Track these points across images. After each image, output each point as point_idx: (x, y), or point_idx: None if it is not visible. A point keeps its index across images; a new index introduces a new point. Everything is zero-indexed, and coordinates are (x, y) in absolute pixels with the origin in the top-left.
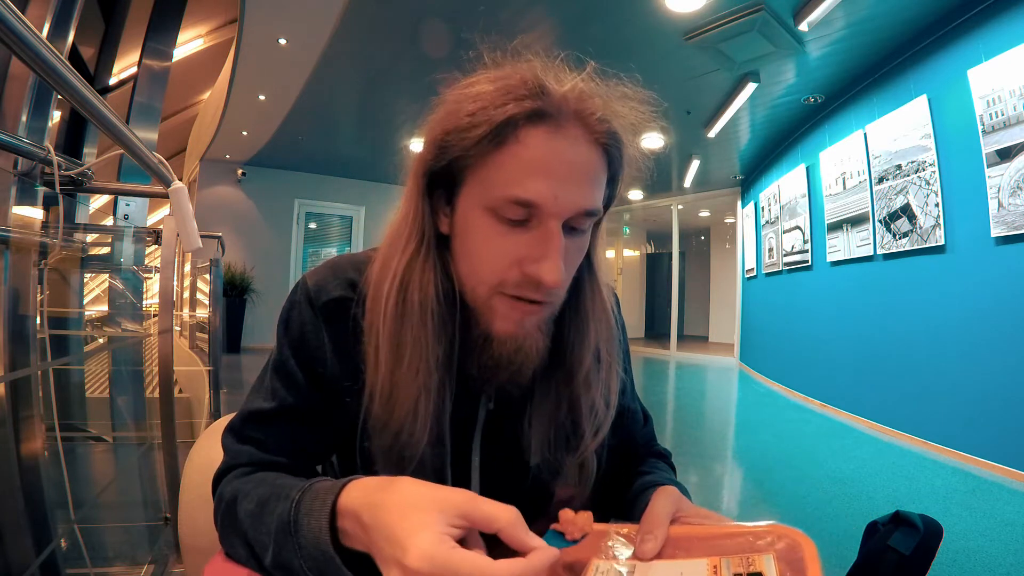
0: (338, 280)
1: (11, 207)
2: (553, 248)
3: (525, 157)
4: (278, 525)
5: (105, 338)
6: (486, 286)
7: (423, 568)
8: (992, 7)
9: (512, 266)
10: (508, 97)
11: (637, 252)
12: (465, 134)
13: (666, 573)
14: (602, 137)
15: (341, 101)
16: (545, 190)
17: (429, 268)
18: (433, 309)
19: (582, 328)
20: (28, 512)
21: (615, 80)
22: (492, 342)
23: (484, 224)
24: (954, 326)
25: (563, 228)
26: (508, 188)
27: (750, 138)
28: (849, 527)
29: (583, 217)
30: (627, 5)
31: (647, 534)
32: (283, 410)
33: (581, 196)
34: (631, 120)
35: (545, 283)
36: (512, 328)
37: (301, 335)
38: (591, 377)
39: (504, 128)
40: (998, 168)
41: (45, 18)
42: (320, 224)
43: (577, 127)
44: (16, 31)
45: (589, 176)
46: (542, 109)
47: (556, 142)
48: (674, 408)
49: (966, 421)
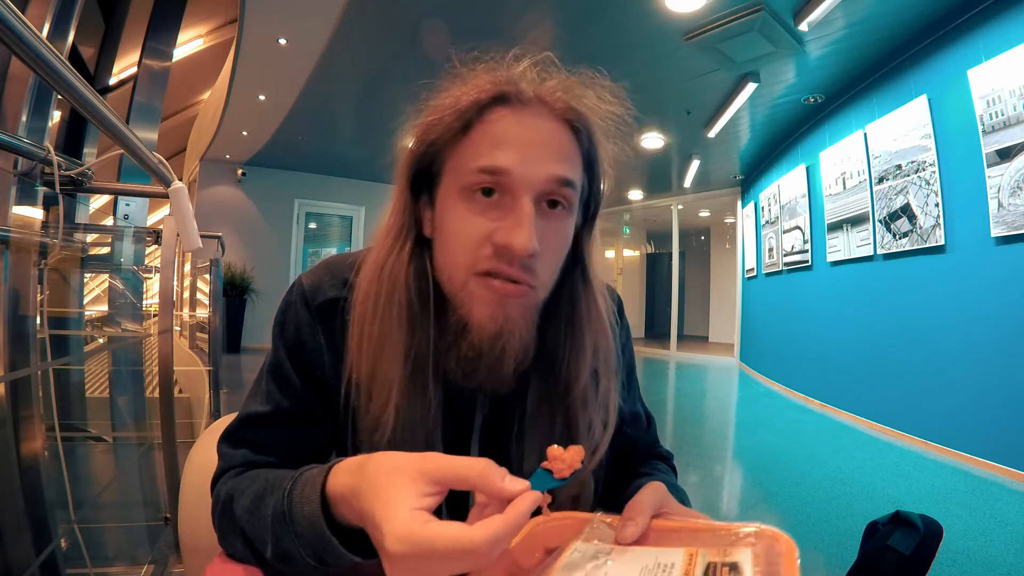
0: (333, 280)
1: (11, 207)
2: (523, 215)
3: (490, 132)
4: (274, 516)
5: (105, 338)
6: (462, 268)
7: (401, 550)
8: (992, 7)
9: (484, 242)
10: (472, 88)
11: (637, 252)
12: (437, 126)
13: (642, 558)
14: (566, 113)
15: (341, 101)
16: (512, 156)
17: (403, 261)
18: (402, 300)
19: (577, 341)
20: (28, 512)
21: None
22: (471, 331)
23: (458, 207)
24: (954, 326)
25: (539, 203)
26: (476, 160)
27: (750, 138)
28: (849, 527)
29: (558, 186)
30: (627, 5)
31: (628, 520)
32: (279, 413)
33: (551, 162)
34: (602, 106)
35: (515, 248)
36: (491, 311)
37: (297, 337)
38: (588, 395)
39: (469, 112)
40: (998, 168)
41: (45, 18)
42: (320, 224)
43: (539, 105)
44: (16, 31)
45: (556, 146)
46: (504, 92)
47: (519, 116)
48: (674, 408)
49: (966, 421)
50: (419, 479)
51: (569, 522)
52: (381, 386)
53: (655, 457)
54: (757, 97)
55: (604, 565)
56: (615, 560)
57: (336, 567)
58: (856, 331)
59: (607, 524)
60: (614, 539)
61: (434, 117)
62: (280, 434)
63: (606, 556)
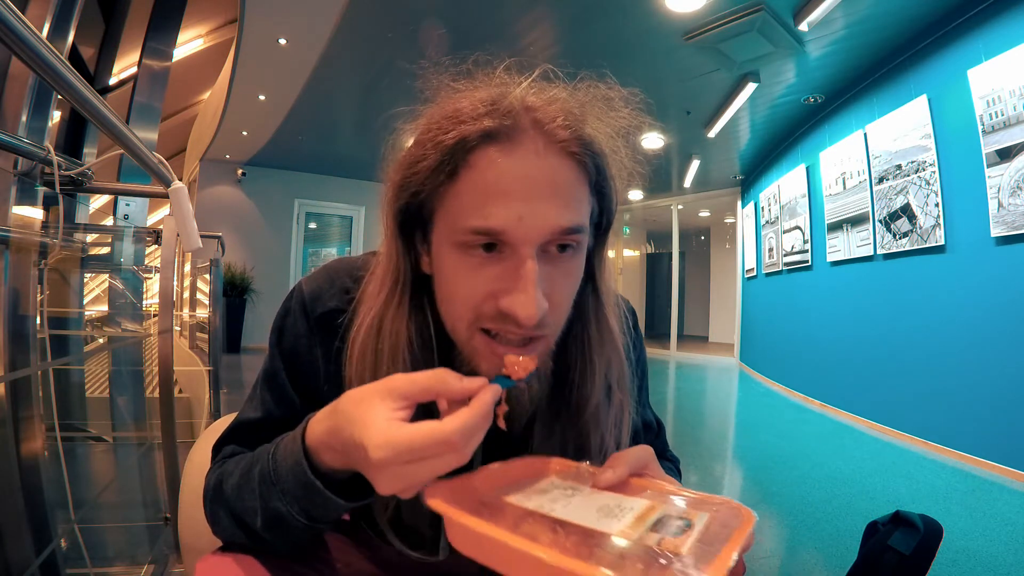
0: (333, 290)
1: (11, 207)
2: (526, 280)
3: (480, 183)
4: (260, 480)
5: (105, 338)
6: (464, 323)
7: (385, 456)
8: (992, 7)
9: (487, 299)
10: (455, 121)
11: (637, 252)
12: (417, 168)
13: (605, 499)
14: (569, 145)
15: (341, 101)
16: (506, 214)
17: (403, 313)
18: (406, 357)
19: (589, 360)
20: (28, 512)
21: (593, 81)
22: None
23: (454, 260)
24: (954, 326)
25: (543, 253)
26: (467, 219)
27: (750, 138)
28: (849, 527)
29: (563, 236)
30: (627, 5)
31: (608, 467)
32: (270, 421)
33: (552, 213)
34: (611, 122)
35: (519, 319)
36: (498, 367)
37: (294, 348)
38: (600, 414)
39: (454, 155)
40: (998, 168)
41: (45, 18)
42: (320, 224)
43: (537, 138)
44: (16, 31)
45: (558, 190)
46: (492, 128)
47: (512, 159)
48: (674, 408)
49: (966, 421)
50: (387, 397)
51: (558, 466)
52: None
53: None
54: (757, 97)
55: (569, 497)
56: (581, 496)
57: (324, 522)
58: (856, 331)
59: (591, 473)
60: (591, 483)
61: (416, 153)
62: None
63: (575, 492)
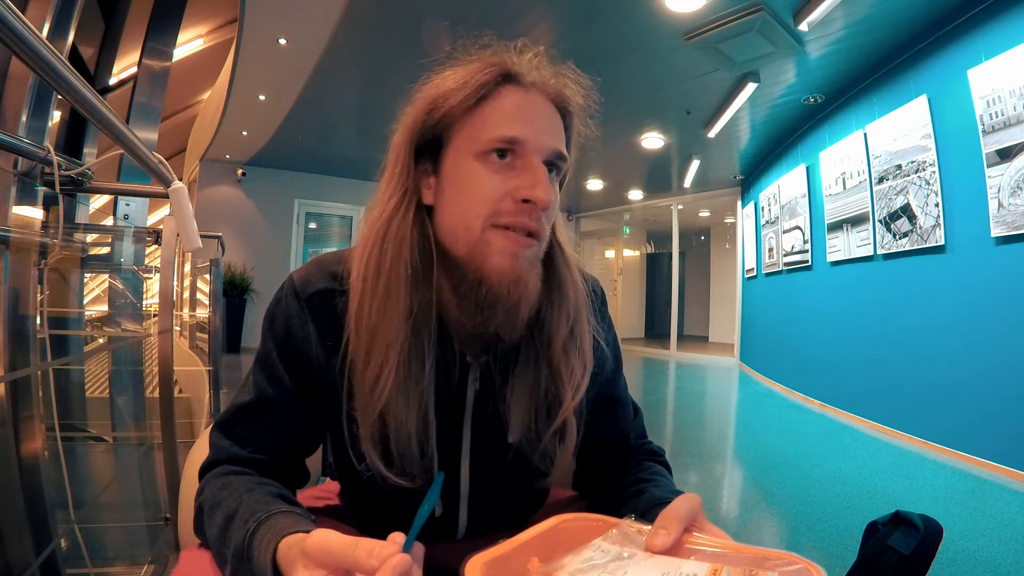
0: (322, 273)
1: (11, 207)
2: (541, 174)
3: (504, 107)
4: (235, 550)
5: (105, 338)
6: (481, 219)
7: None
8: (992, 7)
9: (504, 197)
10: (483, 68)
11: (637, 252)
12: (451, 97)
13: (663, 565)
14: (556, 98)
15: (341, 101)
16: (526, 128)
17: (409, 224)
18: (408, 261)
19: (556, 298)
20: (28, 512)
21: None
22: (488, 280)
23: (475, 168)
24: (954, 326)
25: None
26: (495, 130)
27: (750, 138)
28: (849, 527)
29: (557, 160)
30: (627, 5)
31: (661, 528)
32: (264, 403)
33: (554, 139)
34: (576, 94)
35: (538, 201)
36: (509, 261)
37: (286, 329)
38: (567, 344)
39: (483, 88)
40: (998, 168)
41: (45, 18)
42: (320, 224)
43: (538, 88)
44: (16, 31)
45: (554, 125)
46: (513, 72)
47: (526, 96)
48: (674, 408)
49: (966, 421)
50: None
51: (596, 524)
52: (382, 345)
53: (645, 453)
54: (757, 97)
55: (625, 565)
56: (637, 563)
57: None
58: (856, 331)
59: (636, 530)
60: (644, 546)
61: (448, 87)
62: (265, 424)
63: (629, 558)
